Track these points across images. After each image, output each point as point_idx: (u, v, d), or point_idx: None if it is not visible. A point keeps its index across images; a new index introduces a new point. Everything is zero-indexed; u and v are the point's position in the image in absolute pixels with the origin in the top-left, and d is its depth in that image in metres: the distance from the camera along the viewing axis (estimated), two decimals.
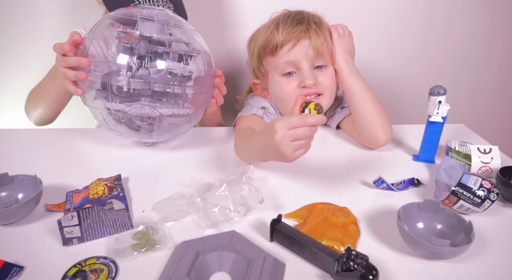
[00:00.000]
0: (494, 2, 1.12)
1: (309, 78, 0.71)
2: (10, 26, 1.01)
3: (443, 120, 0.64)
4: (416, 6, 1.12)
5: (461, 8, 1.12)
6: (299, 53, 0.71)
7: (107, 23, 0.63)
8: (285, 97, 0.74)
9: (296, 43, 0.70)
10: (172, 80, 0.62)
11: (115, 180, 0.57)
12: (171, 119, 0.63)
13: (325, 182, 0.61)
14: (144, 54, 0.59)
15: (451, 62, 1.21)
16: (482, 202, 0.49)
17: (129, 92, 0.59)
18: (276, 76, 0.74)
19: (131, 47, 0.59)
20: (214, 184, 0.55)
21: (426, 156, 0.68)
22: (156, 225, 0.48)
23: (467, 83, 1.24)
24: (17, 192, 0.52)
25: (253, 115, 0.77)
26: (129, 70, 0.59)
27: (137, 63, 0.59)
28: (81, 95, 0.63)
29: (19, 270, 0.41)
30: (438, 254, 0.43)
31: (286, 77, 0.74)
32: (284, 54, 0.71)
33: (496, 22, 1.15)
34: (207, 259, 0.42)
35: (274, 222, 0.46)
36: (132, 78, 0.58)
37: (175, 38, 0.63)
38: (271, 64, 0.75)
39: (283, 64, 0.72)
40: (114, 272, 0.41)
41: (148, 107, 0.60)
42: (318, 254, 0.42)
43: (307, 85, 0.71)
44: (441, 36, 1.16)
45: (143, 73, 0.59)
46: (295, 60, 0.71)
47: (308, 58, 0.71)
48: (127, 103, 0.60)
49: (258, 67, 0.77)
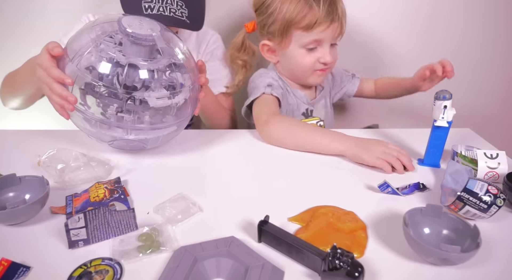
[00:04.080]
0: (498, 4, 1.12)
1: (328, 55, 0.79)
2: (23, 25, 1.02)
3: (448, 125, 0.64)
4: (420, 9, 1.11)
5: (465, 11, 1.12)
6: (330, 33, 0.78)
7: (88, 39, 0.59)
8: (301, 67, 0.82)
9: (330, 24, 0.76)
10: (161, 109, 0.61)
11: (115, 182, 0.57)
12: (158, 138, 0.63)
13: (329, 186, 0.61)
14: (131, 85, 0.57)
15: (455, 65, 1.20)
16: (488, 207, 0.49)
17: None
18: (298, 48, 0.80)
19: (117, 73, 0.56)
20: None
21: (431, 161, 0.68)
22: (160, 227, 0.48)
23: (471, 88, 1.23)
24: (24, 192, 0.53)
25: (263, 94, 0.81)
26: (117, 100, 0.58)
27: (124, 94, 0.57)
28: (67, 119, 0.61)
29: (26, 270, 0.41)
30: (448, 260, 0.42)
31: (307, 51, 0.80)
32: (317, 32, 0.77)
33: (500, 25, 1.15)
34: (204, 265, 0.42)
35: (262, 224, 0.46)
36: (120, 113, 0.58)
37: (162, 61, 0.59)
38: (298, 37, 0.79)
39: (311, 41, 0.78)
40: (119, 273, 0.41)
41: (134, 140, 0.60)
42: (306, 253, 0.42)
43: (327, 62, 0.80)
44: (445, 40, 1.16)
45: (130, 107, 0.58)
46: (324, 39, 0.78)
47: (332, 39, 0.79)
48: (112, 139, 0.61)
49: (281, 34, 0.80)
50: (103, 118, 0.59)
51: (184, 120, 0.66)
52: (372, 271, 0.43)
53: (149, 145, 0.65)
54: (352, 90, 0.99)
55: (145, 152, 0.70)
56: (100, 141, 0.64)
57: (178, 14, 0.73)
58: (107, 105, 0.59)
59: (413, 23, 1.13)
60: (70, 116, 0.61)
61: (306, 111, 0.92)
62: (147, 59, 0.58)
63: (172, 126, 0.64)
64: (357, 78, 1.00)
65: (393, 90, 0.96)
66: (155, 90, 0.58)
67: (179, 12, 0.73)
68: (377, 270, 0.43)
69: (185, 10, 0.73)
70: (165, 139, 0.66)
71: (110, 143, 0.64)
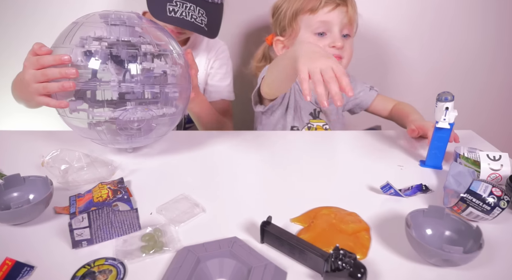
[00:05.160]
0: (500, 8, 1.12)
1: (339, 40, 0.81)
2: (32, 26, 1.03)
3: (450, 127, 0.64)
4: (423, 12, 1.12)
5: (468, 14, 1.12)
6: (337, 16, 0.80)
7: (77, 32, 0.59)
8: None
9: (336, 7, 0.80)
10: (156, 80, 0.61)
11: (118, 183, 0.57)
12: (160, 120, 0.62)
13: (332, 187, 0.61)
14: (124, 59, 0.56)
15: (458, 67, 1.20)
16: (491, 209, 0.48)
17: (113, 99, 0.57)
18: (308, 34, 0.83)
19: (111, 52, 0.56)
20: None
21: (433, 162, 0.68)
22: (163, 227, 0.48)
23: (473, 90, 1.23)
24: (28, 193, 0.53)
25: None
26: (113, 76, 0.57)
27: (119, 68, 0.56)
28: (67, 106, 0.58)
29: (30, 270, 0.41)
30: (450, 261, 0.42)
31: (318, 36, 0.82)
32: (323, 14, 0.80)
33: (503, 27, 1.15)
34: (207, 266, 0.42)
35: (264, 224, 0.46)
36: (123, 83, 0.56)
37: (145, 40, 0.60)
38: (306, 22, 0.83)
39: (318, 23, 0.81)
40: (122, 273, 0.41)
41: (145, 109, 0.59)
42: (308, 254, 0.42)
43: (337, 46, 0.80)
44: (447, 42, 1.16)
45: (128, 77, 0.57)
46: (331, 21, 0.80)
47: (342, 23, 0.81)
48: (121, 108, 0.58)
49: (290, 23, 0.84)
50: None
51: (183, 105, 0.65)
52: (374, 272, 0.43)
53: (151, 125, 0.63)
54: (367, 102, 0.97)
55: (148, 153, 0.70)
56: (111, 119, 0.59)
57: (198, 21, 0.78)
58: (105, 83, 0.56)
59: (416, 25, 1.13)
60: (68, 120, 0.59)
61: (314, 112, 0.92)
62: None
63: (174, 107, 0.62)
64: (374, 91, 0.98)
65: (400, 120, 0.93)
66: (147, 61, 0.58)
67: (199, 19, 0.77)
68: (380, 271, 0.43)
69: (205, 18, 0.78)
70: (165, 122, 0.64)
71: (118, 120, 0.59)
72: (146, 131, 0.64)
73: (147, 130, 0.64)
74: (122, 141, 0.64)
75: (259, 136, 0.79)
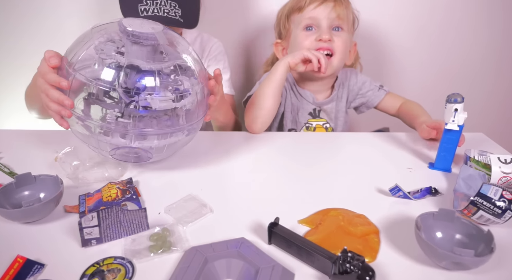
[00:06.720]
0: (506, 8, 1.11)
1: (326, 33, 0.83)
2: (32, 26, 1.05)
3: (459, 129, 0.63)
4: (431, 13, 1.11)
5: (475, 15, 1.11)
6: (322, 11, 0.84)
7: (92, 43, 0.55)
8: (302, 49, 0.85)
9: (321, 3, 0.84)
10: (166, 113, 0.56)
11: (127, 183, 0.58)
12: (164, 147, 0.59)
13: (340, 189, 0.61)
14: (133, 87, 0.52)
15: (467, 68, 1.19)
16: (503, 213, 0.48)
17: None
18: (298, 30, 0.87)
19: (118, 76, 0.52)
20: None
21: (442, 165, 0.67)
22: (171, 227, 0.48)
23: (482, 91, 1.22)
24: (39, 191, 0.54)
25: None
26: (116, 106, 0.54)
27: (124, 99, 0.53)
28: (67, 128, 0.58)
29: (40, 268, 0.42)
30: (461, 264, 0.42)
31: (306, 32, 0.86)
32: (309, 11, 0.85)
33: (510, 28, 1.14)
34: (215, 266, 0.42)
35: (272, 226, 0.46)
36: (121, 118, 0.53)
37: (166, 62, 0.56)
38: (296, 21, 0.88)
39: (306, 19, 0.85)
40: (131, 272, 0.42)
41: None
42: (316, 256, 0.42)
43: (323, 38, 0.83)
44: (455, 43, 1.15)
45: (130, 110, 0.53)
46: (317, 17, 0.84)
47: (329, 18, 0.84)
48: (115, 149, 0.56)
49: (284, 24, 0.91)
50: (103, 124, 0.55)
51: (193, 126, 0.61)
52: (383, 275, 0.42)
53: (154, 155, 0.60)
54: (375, 101, 0.96)
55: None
56: (102, 152, 0.59)
57: (172, 14, 0.76)
58: (110, 108, 0.54)
59: (424, 26, 1.13)
60: (71, 125, 0.58)
61: (314, 111, 0.92)
62: (150, 60, 0.54)
63: (178, 132, 0.59)
64: (383, 90, 0.96)
65: (408, 121, 0.91)
66: (159, 93, 0.54)
67: (172, 12, 0.76)
68: (388, 274, 0.43)
69: (178, 10, 0.76)
70: (171, 148, 0.61)
71: (112, 153, 0.58)
72: (145, 158, 0.61)
73: (145, 157, 0.60)
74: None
75: (268, 137, 0.79)
